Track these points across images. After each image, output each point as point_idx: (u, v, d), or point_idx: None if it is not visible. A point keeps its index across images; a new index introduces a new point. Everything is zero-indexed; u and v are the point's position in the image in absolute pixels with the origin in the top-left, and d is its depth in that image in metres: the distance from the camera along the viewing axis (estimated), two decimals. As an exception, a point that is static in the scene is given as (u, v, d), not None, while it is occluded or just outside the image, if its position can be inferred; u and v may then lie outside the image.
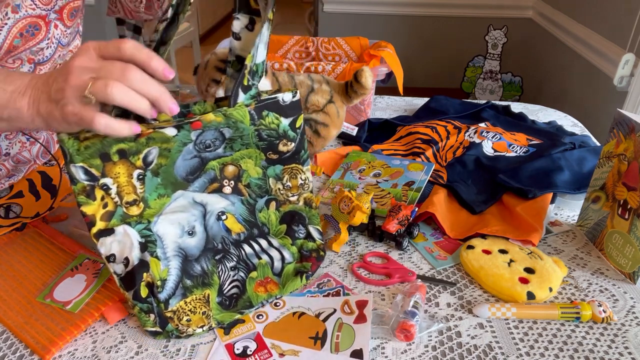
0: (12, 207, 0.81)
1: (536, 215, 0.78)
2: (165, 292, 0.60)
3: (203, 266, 0.63)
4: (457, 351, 0.59)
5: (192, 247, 0.63)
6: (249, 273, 0.66)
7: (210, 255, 0.64)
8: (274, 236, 0.67)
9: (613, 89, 1.88)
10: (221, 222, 0.64)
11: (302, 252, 0.69)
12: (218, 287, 0.64)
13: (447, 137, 1.02)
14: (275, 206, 0.67)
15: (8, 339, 0.61)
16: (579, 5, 2.27)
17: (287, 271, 0.68)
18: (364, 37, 1.23)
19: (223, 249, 0.64)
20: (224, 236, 0.64)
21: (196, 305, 0.62)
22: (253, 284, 0.66)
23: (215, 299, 0.63)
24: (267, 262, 0.67)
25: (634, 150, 0.68)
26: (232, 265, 0.65)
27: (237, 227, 0.65)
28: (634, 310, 0.65)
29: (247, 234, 0.66)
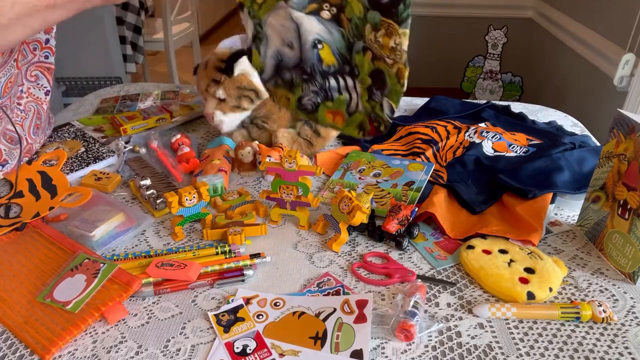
0: (12, 207, 0.81)
1: (536, 215, 0.78)
2: (264, 76, 0.71)
3: (293, 76, 0.70)
4: (457, 351, 0.59)
5: (289, 57, 0.69)
6: (325, 100, 0.71)
7: (299, 73, 0.70)
8: (360, 82, 0.69)
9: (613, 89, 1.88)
10: (316, 50, 0.67)
11: (370, 115, 0.71)
12: (299, 97, 0.71)
13: (447, 137, 1.02)
14: (371, 57, 0.67)
15: (8, 339, 0.61)
16: (579, 5, 2.27)
17: (356, 117, 0.71)
18: (364, 37, 1.23)
19: (311, 75, 0.69)
20: (315, 64, 0.68)
21: (280, 98, 0.73)
22: (324, 109, 0.72)
23: (295, 102, 0.72)
24: (346, 99, 0.70)
25: (634, 150, 0.68)
26: (315, 89, 0.70)
27: (330, 58, 0.68)
28: (634, 310, 0.65)
29: (338, 67, 0.68)
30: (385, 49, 0.65)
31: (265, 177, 0.95)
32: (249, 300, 0.66)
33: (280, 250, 0.76)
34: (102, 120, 1.12)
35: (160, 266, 0.68)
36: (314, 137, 0.98)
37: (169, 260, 0.69)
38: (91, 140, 1.02)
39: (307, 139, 0.98)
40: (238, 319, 0.63)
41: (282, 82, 0.71)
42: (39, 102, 0.93)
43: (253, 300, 0.66)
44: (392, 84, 0.68)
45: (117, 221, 0.78)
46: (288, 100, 0.72)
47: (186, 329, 0.62)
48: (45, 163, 0.93)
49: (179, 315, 0.64)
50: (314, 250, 0.76)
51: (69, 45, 2.43)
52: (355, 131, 0.72)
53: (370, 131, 0.71)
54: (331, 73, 0.69)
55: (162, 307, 0.66)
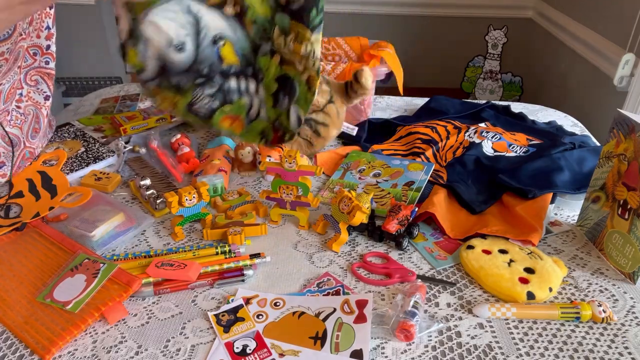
0: (12, 207, 0.81)
1: (536, 215, 0.78)
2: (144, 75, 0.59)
3: (180, 82, 0.60)
4: (457, 351, 0.59)
5: (177, 63, 0.58)
6: (222, 105, 0.62)
7: (191, 77, 0.60)
8: (264, 87, 0.62)
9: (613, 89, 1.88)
10: (216, 48, 0.58)
11: (275, 123, 0.64)
12: (189, 101, 0.61)
13: (447, 137, 1.02)
14: (279, 61, 0.61)
15: (8, 339, 0.61)
16: (579, 5, 2.27)
17: (256, 124, 0.64)
18: (364, 37, 1.23)
19: (207, 76, 0.60)
20: (214, 63, 0.59)
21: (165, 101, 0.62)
22: (221, 115, 0.63)
23: (184, 106, 0.62)
24: (246, 104, 0.62)
25: (634, 150, 0.68)
26: (211, 92, 0.61)
27: (231, 58, 0.59)
28: (634, 310, 0.65)
29: (240, 69, 0.60)
30: (296, 55, 0.60)
31: (265, 177, 0.95)
32: (249, 300, 0.66)
33: (280, 250, 0.76)
34: (102, 120, 1.12)
35: (160, 266, 0.68)
36: (314, 137, 0.98)
37: (169, 260, 0.69)
38: (91, 140, 1.02)
39: (307, 139, 0.98)
40: (238, 319, 0.63)
41: (168, 84, 0.61)
42: (38, 107, 0.93)
43: (253, 300, 0.66)
44: (301, 92, 0.62)
45: (117, 221, 0.78)
46: (174, 105, 0.62)
47: (186, 329, 0.62)
48: (45, 163, 0.93)
49: (179, 315, 0.64)
50: (314, 250, 0.76)
51: (69, 45, 2.43)
52: (256, 139, 0.64)
53: (273, 140, 0.64)
54: (232, 73, 0.61)
55: (162, 307, 0.66)
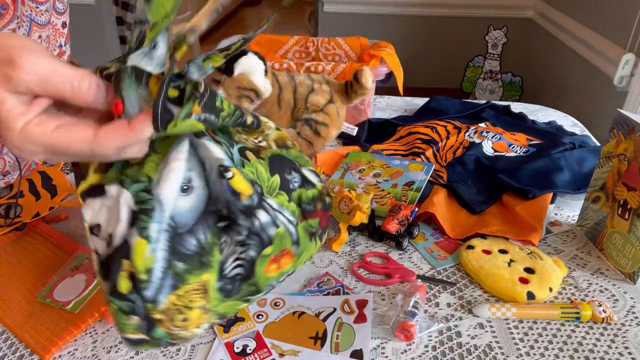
0: (12, 207, 0.81)
1: (536, 215, 0.78)
2: (152, 286, 0.44)
3: (200, 238, 0.46)
4: (457, 351, 0.59)
5: (185, 211, 0.45)
6: (262, 249, 0.49)
7: (211, 221, 0.47)
8: (268, 195, 0.50)
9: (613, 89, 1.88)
10: (225, 181, 0.46)
11: (303, 205, 0.53)
12: (219, 266, 0.47)
13: (447, 137, 1.02)
14: (254, 155, 0.50)
15: (8, 339, 0.61)
16: (579, 5, 2.27)
17: (302, 236, 0.52)
18: (364, 37, 1.23)
19: (229, 217, 0.47)
20: (230, 202, 0.46)
21: (192, 299, 0.46)
22: (265, 262, 0.49)
23: (215, 284, 0.47)
24: (286, 228, 0.50)
25: (634, 150, 0.68)
26: (241, 239, 0.48)
27: (245, 187, 0.47)
28: (634, 310, 0.65)
29: (259, 193, 0.48)
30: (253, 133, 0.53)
31: (265, 177, 0.95)
32: (249, 300, 0.66)
33: (280, 250, 0.76)
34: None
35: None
36: (314, 137, 0.98)
37: (169, 260, 0.69)
38: (91, 140, 1.02)
39: (307, 139, 0.98)
40: (238, 319, 0.63)
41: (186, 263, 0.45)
42: None
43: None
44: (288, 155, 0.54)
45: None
46: (204, 292, 0.47)
47: (186, 329, 0.62)
48: (45, 163, 0.93)
49: (179, 315, 0.64)
50: (314, 250, 0.76)
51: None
52: (312, 247, 0.54)
53: (321, 222, 0.54)
54: (256, 206, 0.47)
55: (162, 307, 0.66)
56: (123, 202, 0.44)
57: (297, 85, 0.98)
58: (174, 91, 0.41)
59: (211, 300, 0.48)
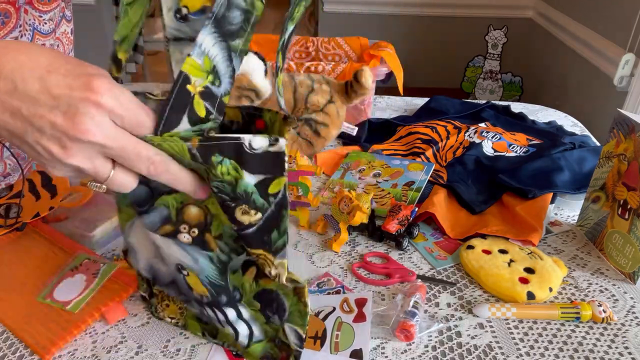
0: (12, 207, 0.81)
1: (536, 215, 0.78)
2: None
3: (169, 294, 0.58)
4: (457, 351, 0.59)
5: (163, 274, 0.54)
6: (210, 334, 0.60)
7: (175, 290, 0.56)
8: (246, 305, 0.52)
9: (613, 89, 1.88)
10: (182, 276, 0.51)
11: (275, 341, 0.54)
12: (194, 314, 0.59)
13: (447, 137, 1.02)
14: (254, 275, 0.50)
15: (8, 339, 0.61)
16: (579, 5, 2.27)
17: (254, 350, 0.55)
18: (364, 37, 1.23)
19: (187, 299, 0.55)
20: (185, 292, 0.53)
21: (176, 301, 0.59)
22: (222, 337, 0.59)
23: (194, 314, 0.59)
24: (231, 334, 0.54)
25: (634, 150, 0.68)
26: (196, 313, 0.58)
27: (200, 287, 0.51)
28: (634, 310, 0.65)
29: (211, 300, 0.51)
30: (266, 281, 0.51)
31: (265, 177, 0.95)
32: (249, 300, 0.66)
33: (280, 250, 0.76)
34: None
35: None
36: (314, 137, 0.98)
37: (169, 260, 0.69)
38: (91, 140, 1.02)
39: (307, 139, 0.98)
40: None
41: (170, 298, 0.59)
42: None
43: (253, 300, 0.66)
44: (291, 305, 0.51)
45: (118, 221, 0.77)
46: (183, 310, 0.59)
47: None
48: (45, 163, 0.93)
49: (179, 315, 0.64)
50: (314, 250, 0.76)
51: (69, 45, 2.43)
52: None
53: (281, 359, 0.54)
54: (206, 303, 0.52)
55: (162, 307, 0.66)
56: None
57: (297, 85, 0.98)
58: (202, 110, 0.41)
59: (188, 315, 0.59)
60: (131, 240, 0.53)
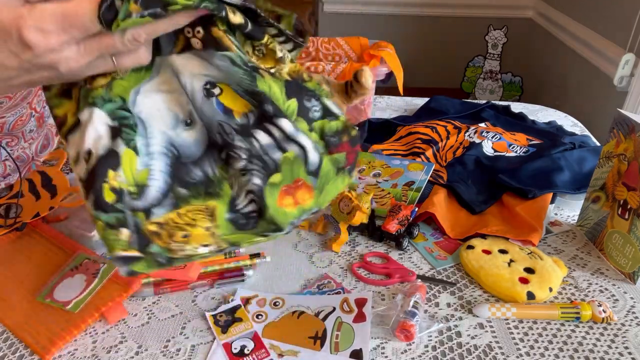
0: (12, 207, 0.81)
1: (536, 215, 0.78)
2: (144, 200, 0.42)
3: (206, 170, 0.44)
4: (457, 351, 0.59)
5: (191, 143, 0.43)
6: (268, 177, 0.44)
7: (217, 155, 0.44)
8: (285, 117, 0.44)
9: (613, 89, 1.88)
10: (214, 98, 0.42)
11: (327, 138, 0.46)
12: (230, 199, 0.44)
13: (447, 137, 1.02)
14: (269, 75, 0.44)
15: (8, 339, 0.61)
16: (579, 5, 2.27)
17: (325, 167, 0.46)
18: (364, 37, 1.23)
19: (224, 143, 0.43)
20: (221, 122, 0.43)
21: (196, 218, 0.43)
22: (276, 194, 0.44)
23: (225, 214, 0.44)
24: (298, 154, 0.44)
25: (634, 150, 0.68)
26: (242, 165, 0.43)
27: (240, 103, 0.43)
28: (634, 310, 0.65)
29: (258, 113, 0.43)
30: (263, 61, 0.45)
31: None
32: (249, 300, 0.66)
33: (280, 250, 0.76)
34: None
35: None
36: (314, 137, 0.98)
37: (169, 260, 0.69)
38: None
39: (307, 139, 0.98)
40: (236, 319, 0.63)
41: (189, 190, 0.43)
42: (50, 127, 0.94)
43: (252, 300, 0.66)
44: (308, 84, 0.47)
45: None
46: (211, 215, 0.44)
47: (186, 329, 0.62)
48: (45, 163, 0.93)
49: (179, 315, 0.64)
50: (314, 250, 0.76)
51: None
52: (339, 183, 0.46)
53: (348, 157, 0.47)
54: (253, 124, 0.43)
55: (162, 307, 0.66)
56: (97, 120, 0.41)
57: (297, 85, 0.98)
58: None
59: (220, 227, 0.44)
60: (141, 110, 0.43)
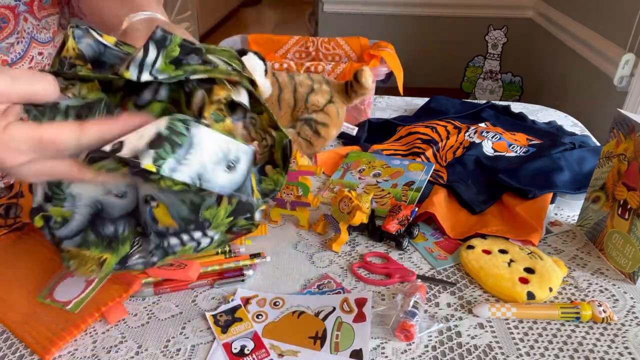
0: (12, 207, 0.81)
1: (536, 215, 0.78)
2: (63, 231, 0.52)
3: (118, 229, 0.53)
4: (457, 351, 0.59)
5: (115, 206, 0.51)
6: (164, 258, 0.55)
7: (133, 222, 0.53)
8: (213, 229, 0.53)
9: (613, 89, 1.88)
10: (149, 208, 0.50)
11: (234, 229, 0.55)
12: (124, 254, 0.54)
13: (447, 137, 1.02)
14: (228, 199, 0.50)
15: (8, 339, 0.61)
16: (579, 5, 2.27)
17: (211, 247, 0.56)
18: (364, 37, 1.23)
19: (143, 228, 0.53)
20: (148, 223, 0.52)
21: (87, 262, 0.53)
22: (163, 264, 0.57)
23: (114, 265, 0.54)
24: (193, 247, 0.54)
25: (634, 150, 0.68)
26: (150, 248, 0.54)
27: (167, 220, 0.51)
28: (634, 310, 0.65)
29: (179, 229, 0.52)
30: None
31: (265, 177, 0.95)
32: (249, 300, 0.66)
33: (280, 250, 0.76)
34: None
35: (160, 266, 0.67)
36: (314, 137, 0.98)
37: (169, 260, 0.69)
38: (91, 140, 1.02)
39: (307, 139, 0.98)
40: (236, 319, 0.63)
41: (97, 238, 0.52)
42: None
43: (252, 300, 0.66)
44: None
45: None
46: (101, 263, 0.53)
47: (186, 329, 0.62)
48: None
49: (179, 315, 0.64)
50: (314, 250, 0.76)
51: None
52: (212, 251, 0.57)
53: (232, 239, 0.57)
54: (171, 233, 0.52)
55: (162, 307, 0.66)
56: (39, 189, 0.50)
57: (297, 85, 0.98)
58: None
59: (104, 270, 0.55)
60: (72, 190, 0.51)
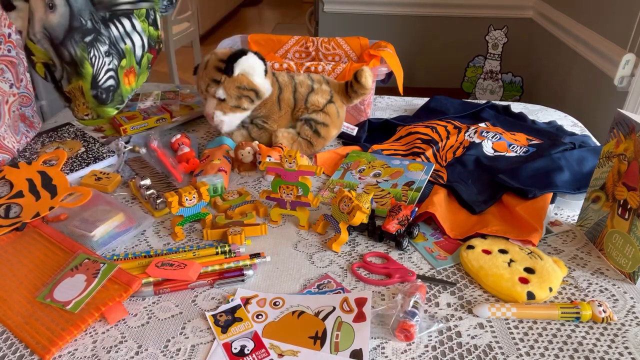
0: (12, 207, 0.81)
1: (536, 215, 0.78)
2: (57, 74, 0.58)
3: (70, 51, 0.55)
4: (457, 351, 0.59)
5: (55, 26, 0.54)
6: (120, 60, 0.57)
7: (78, 36, 0.55)
8: (137, 17, 0.56)
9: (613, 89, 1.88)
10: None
11: (149, 40, 0.59)
12: (91, 77, 0.57)
13: (447, 137, 1.02)
14: None
15: (8, 339, 0.61)
16: (579, 5, 2.27)
17: (144, 61, 0.60)
18: (364, 37, 1.23)
19: (93, 29, 0.54)
20: (92, 11, 0.53)
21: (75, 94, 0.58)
22: (122, 73, 0.59)
23: (90, 91, 0.57)
24: (131, 48, 0.58)
25: (634, 150, 0.68)
26: (106, 49, 0.55)
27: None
28: (634, 310, 0.65)
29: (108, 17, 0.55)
30: None
31: (265, 177, 0.95)
32: (249, 300, 0.66)
33: (280, 250, 0.76)
34: (102, 120, 1.12)
35: (160, 266, 0.68)
36: (314, 137, 0.98)
37: (169, 260, 0.69)
38: (91, 140, 1.02)
39: (307, 139, 0.98)
40: (236, 319, 0.63)
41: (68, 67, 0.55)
42: (4, 94, 0.92)
43: (253, 300, 0.66)
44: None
45: (117, 221, 0.78)
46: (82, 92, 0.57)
47: (186, 329, 0.62)
48: (45, 163, 0.93)
49: (179, 315, 0.64)
50: (314, 250, 0.76)
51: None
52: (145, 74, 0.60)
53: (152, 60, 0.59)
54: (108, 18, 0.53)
55: (162, 307, 0.66)
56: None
57: (297, 85, 0.98)
58: None
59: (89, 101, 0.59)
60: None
